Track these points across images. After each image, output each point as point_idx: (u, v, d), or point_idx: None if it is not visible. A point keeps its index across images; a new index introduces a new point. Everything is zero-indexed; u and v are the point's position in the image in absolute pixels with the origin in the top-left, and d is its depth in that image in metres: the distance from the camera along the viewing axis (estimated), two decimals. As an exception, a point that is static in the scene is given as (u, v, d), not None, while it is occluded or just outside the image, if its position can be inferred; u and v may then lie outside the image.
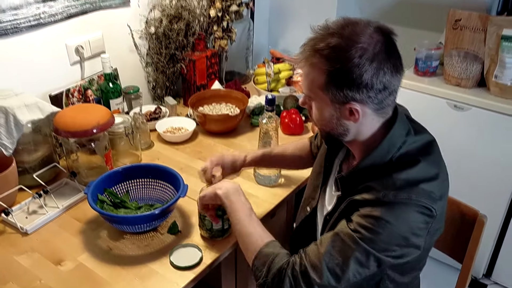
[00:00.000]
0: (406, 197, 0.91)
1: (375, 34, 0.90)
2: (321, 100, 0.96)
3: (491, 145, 1.86)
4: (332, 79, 0.91)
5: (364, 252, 0.93)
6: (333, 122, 0.98)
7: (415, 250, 0.97)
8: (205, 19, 1.94)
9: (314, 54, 0.92)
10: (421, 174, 0.94)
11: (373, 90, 0.90)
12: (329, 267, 0.95)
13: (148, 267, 1.18)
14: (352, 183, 1.01)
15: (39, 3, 1.48)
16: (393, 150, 0.97)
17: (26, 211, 1.36)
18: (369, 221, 0.93)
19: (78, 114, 1.42)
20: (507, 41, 1.73)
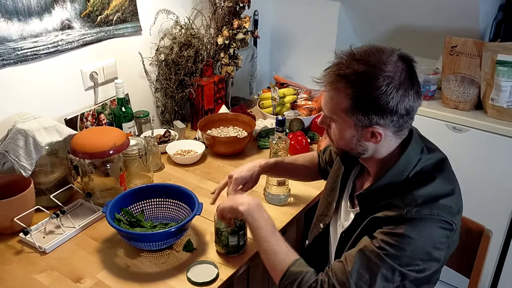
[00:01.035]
0: (428, 212, 0.96)
1: (399, 63, 0.95)
2: (344, 122, 1.00)
3: (489, 165, 1.92)
4: (358, 104, 0.95)
5: (390, 268, 0.96)
6: (353, 142, 1.02)
7: (436, 264, 1.01)
8: (212, 47, 2.02)
9: (340, 79, 0.96)
10: (439, 190, 0.98)
11: (396, 115, 0.95)
12: (357, 284, 0.98)
13: (166, 283, 1.20)
14: (371, 200, 1.05)
15: (58, 31, 1.55)
16: (409, 168, 1.02)
17: (43, 231, 1.39)
18: (393, 238, 0.96)
19: (95, 136, 1.47)
20: (502, 66, 1.82)
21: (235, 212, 1.19)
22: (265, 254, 1.12)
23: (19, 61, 1.47)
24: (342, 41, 2.40)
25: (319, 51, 2.38)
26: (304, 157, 1.47)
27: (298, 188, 1.60)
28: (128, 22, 1.78)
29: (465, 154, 1.95)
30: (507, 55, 1.80)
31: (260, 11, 2.34)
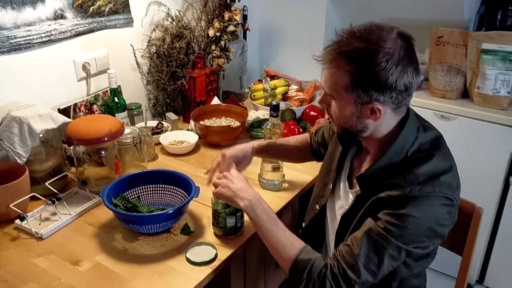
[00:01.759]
0: (431, 190, 0.98)
1: (398, 40, 0.97)
2: (344, 99, 1.02)
3: (477, 150, 1.97)
4: (358, 81, 0.97)
5: (397, 248, 0.99)
6: (353, 120, 1.04)
7: (440, 240, 1.04)
8: (203, 39, 2.04)
9: (340, 56, 0.98)
10: (438, 167, 1.01)
11: (395, 91, 0.97)
12: (366, 266, 1.00)
13: (165, 264, 1.21)
14: (372, 181, 1.06)
15: (51, 20, 1.55)
16: (407, 146, 1.04)
17: (39, 218, 1.39)
18: (397, 219, 0.98)
19: (89, 123, 1.47)
20: (487, 54, 1.88)
21: (234, 204, 1.20)
22: (272, 247, 1.14)
23: (12, 49, 1.47)
24: (330, 36, 2.44)
25: (308, 45, 2.41)
26: (296, 138, 1.50)
27: (292, 174, 1.62)
28: (120, 13, 1.79)
29: (453, 141, 1.95)
30: (492, 44, 1.86)
31: (249, 6, 2.36)
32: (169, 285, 1.14)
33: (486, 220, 2.06)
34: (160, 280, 1.15)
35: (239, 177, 1.23)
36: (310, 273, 1.05)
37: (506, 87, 1.89)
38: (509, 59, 1.84)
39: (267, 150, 1.44)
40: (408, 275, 1.13)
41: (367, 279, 1.01)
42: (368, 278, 1.01)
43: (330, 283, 1.02)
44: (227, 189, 1.20)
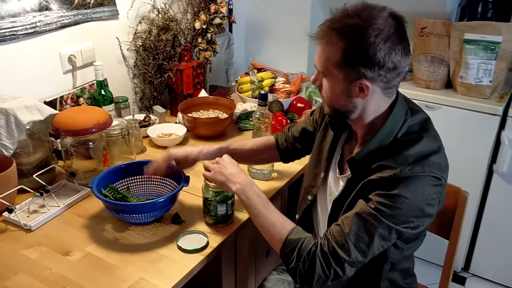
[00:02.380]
0: (421, 170, 0.99)
1: (389, 18, 0.99)
2: (334, 77, 1.03)
3: (461, 138, 2.01)
4: (347, 57, 0.98)
5: (387, 227, 1.00)
6: (343, 98, 1.05)
7: (429, 219, 1.06)
8: (190, 32, 2.04)
9: (331, 32, 0.99)
10: (427, 148, 1.03)
11: (384, 68, 0.97)
12: (356, 245, 1.02)
13: (157, 252, 1.21)
14: (362, 164, 1.08)
15: (36, 12, 1.53)
16: (396, 129, 1.05)
17: (27, 211, 1.37)
18: (388, 199, 1.00)
19: (77, 114, 1.46)
20: (469, 44, 1.92)
21: (227, 189, 1.22)
22: (263, 227, 1.15)
23: (-3, 40, 1.45)
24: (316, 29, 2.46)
25: (293, 39, 2.43)
26: (254, 141, 1.47)
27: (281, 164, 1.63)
28: (105, 5, 1.78)
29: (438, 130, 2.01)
30: (474, 34, 1.90)
31: (234, 0, 2.37)
32: (161, 273, 1.14)
33: (470, 208, 2.10)
34: (152, 267, 1.15)
35: (232, 162, 1.24)
36: (300, 251, 1.06)
37: (488, 76, 1.93)
38: (491, 48, 1.89)
39: (218, 155, 1.36)
40: (399, 258, 1.16)
41: (357, 258, 1.02)
42: (358, 257, 1.02)
43: (320, 261, 1.04)
44: (220, 174, 1.21)
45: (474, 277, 2.29)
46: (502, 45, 1.87)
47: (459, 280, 2.28)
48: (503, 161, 1.97)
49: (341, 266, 1.03)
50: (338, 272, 1.03)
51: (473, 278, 2.28)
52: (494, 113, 1.92)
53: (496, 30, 1.87)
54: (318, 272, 1.04)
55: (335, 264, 1.03)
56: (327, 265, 1.03)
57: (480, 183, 2.06)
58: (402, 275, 1.22)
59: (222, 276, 1.43)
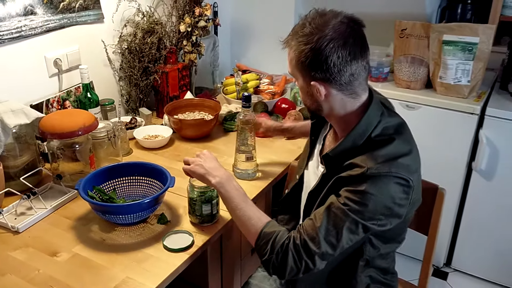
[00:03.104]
0: (387, 170, 1.04)
1: (342, 25, 1.05)
2: (298, 78, 1.13)
3: (441, 137, 2.07)
4: (301, 61, 1.06)
5: (354, 222, 1.05)
6: (308, 98, 1.13)
7: (397, 220, 1.10)
8: (175, 35, 2.07)
9: (292, 38, 1.09)
10: (397, 150, 1.07)
11: (334, 72, 1.04)
12: (326, 238, 1.06)
13: (143, 252, 1.24)
14: (336, 161, 1.13)
15: (21, 16, 1.55)
16: (370, 129, 1.10)
17: (14, 213, 1.39)
18: (356, 195, 1.04)
19: (63, 117, 1.48)
20: (448, 45, 1.97)
21: (206, 182, 1.25)
22: (240, 220, 1.19)
23: (-18, 45, 1.46)
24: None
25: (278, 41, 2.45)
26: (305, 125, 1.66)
27: (266, 164, 1.67)
28: (90, 9, 1.80)
29: (418, 129, 2.03)
30: (452, 35, 1.95)
31: (219, 3, 2.40)
32: (147, 271, 1.17)
33: (451, 204, 2.16)
34: (138, 266, 1.18)
35: (211, 157, 1.29)
36: (273, 244, 1.10)
37: (466, 76, 1.98)
38: (468, 49, 1.94)
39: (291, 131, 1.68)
40: (375, 256, 1.20)
41: (327, 250, 1.07)
42: (327, 250, 1.07)
43: (292, 253, 1.08)
44: (200, 167, 1.25)
45: (456, 272, 2.34)
46: (479, 46, 1.93)
47: (441, 275, 2.33)
48: (481, 158, 2.02)
49: (311, 258, 1.07)
50: (309, 264, 1.08)
51: (455, 273, 2.34)
52: (472, 112, 1.97)
53: (474, 31, 1.92)
54: (290, 264, 1.08)
55: (306, 256, 1.07)
56: (298, 257, 1.08)
57: (460, 180, 2.11)
58: (381, 272, 1.27)
59: (208, 275, 1.46)
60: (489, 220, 2.14)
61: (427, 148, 2.06)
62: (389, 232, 1.15)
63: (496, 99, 2.06)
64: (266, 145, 1.83)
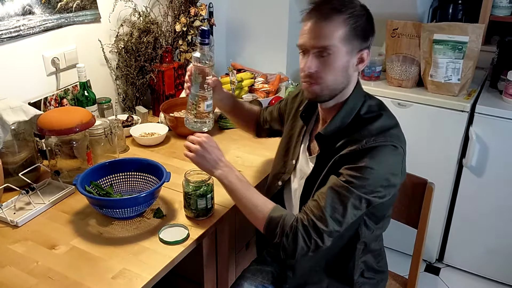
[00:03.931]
0: (383, 140, 1.12)
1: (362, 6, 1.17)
2: (338, 51, 1.11)
3: (432, 134, 2.11)
4: (353, 30, 1.11)
5: (358, 197, 1.11)
6: (341, 74, 1.14)
7: (393, 189, 1.18)
8: (170, 35, 2.10)
9: (331, 11, 1.11)
10: (387, 123, 1.16)
11: (371, 40, 1.17)
12: (332, 216, 1.12)
13: (139, 245, 1.27)
14: (330, 140, 1.19)
15: (19, 16, 1.58)
16: (357, 107, 1.19)
17: (13, 208, 1.42)
18: (357, 171, 1.11)
19: (61, 114, 1.51)
20: (438, 44, 2.01)
21: (209, 173, 1.29)
22: (246, 209, 1.24)
23: (-19, 44, 1.49)
24: (293, 31, 2.54)
25: (272, 41, 2.50)
26: (250, 105, 1.65)
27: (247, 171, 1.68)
28: (88, 9, 1.83)
29: (410, 127, 2.07)
30: (442, 34, 1.99)
31: (215, 3, 2.43)
32: (144, 263, 1.20)
33: (442, 200, 2.20)
34: (135, 258, 1.21)
35: (214, 146, 1.29)
36: (282, 227, 1.15)
37: (456, 74, 2.02)
38: (458, 48, 1.98)
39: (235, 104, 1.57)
40: (371, 238, 1.27)
41: (334, 228, 1.13)
42: (334, 227, 1.13)
43: (301, 234, 1.13)
44: (202, 158, 1.27)
45: (448, 267, 2.38)
46: (468, 45, 1.97)
47: (433, 270, 2.37)
48: (472, 155, 2.06)
49: (320, 236, 1.13)
50: (318, 242, 1.14)
51: (447, 269, 2.38)
52: (462, 109, 2.02)
53: (463, 31, 1.96)
54: (300, 245, 1.14)
55: (315, 235, 1.13)
56: (308, 237, 1.13)
57: (451, 176, 2.15)
58: (375, 258, 1.33)
59: (203, 268, 1.49)
60: (480, 215, 2.18)
61: (419, 145, 2.12)
62: (381, 210, 1.23)
63: (486, 97, 2.11)
64: (260, 141, 1.86)
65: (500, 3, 2.22)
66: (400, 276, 1.62)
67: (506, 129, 1.98)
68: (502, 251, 2.18)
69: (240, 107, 1.60)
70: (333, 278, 1.33)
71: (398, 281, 1.59)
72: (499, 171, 2.06)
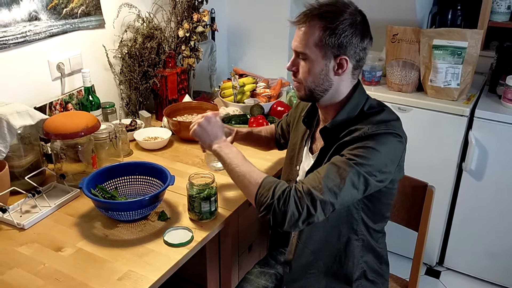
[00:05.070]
0: (385, 127, 1.16)
1: (357, 11, 1.19)
2: (315, 56, 1.16)
3: (432, 139, 2.13)
4: (329, 35, 1.14)
5: (357, 173, 1.12)
6: (321, 77, 1.19)
7: (389, 175, 1.19)
8: (173, 40, 2.13)
9: (312, 17, 1.15)
10: (388, 116, 1.21)
11: (358, 47, 1.17)
12: (329, 186, 1.12)
13: (144, 247, 1.29)
14: (334, 133, 1.22)
15: (26, 22, 1.61)
16: (361, 104, 1.23)
17: (19, 211, 1.44)
18: (361, 150, 1.14)
19: (67, 119, 1.53)
20: (438, 50, 2.04)
21: (206, 145, 1.34)
22: (240, 176, 1.23)
23: (-12, 50, 1.52)
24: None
25: (273, 46, 2.54)
26: (266, 129, 1.67)
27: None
28: (92, 15, 1.86)
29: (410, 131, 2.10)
30: (442, 40, 2.02)
31: (217, 9, 2.46)
32: (149, 265, 1.22)
33: (442, 204, 2.22)
34: (140, 260, 1.23)
35: (218, 124, 1.36)
36: (275, 190, 1.14)
37: (455, 79, 2.05)
38: (457, 53, 2.01)
39: (246, 138, 1.61)
40: (368, 237, 1.29)
41: (329, 198, 1.11)
42: (330, 198, 1.11)
43: (294, 198, 1.12)
44: (203, 131, 1.34)
45: (448, 271, 2.40)
46: (467, 50, 2.00)
47: (434, 274, 2.39)
48: (471, 159, 2.09)
49: (314, 203, 1.11)
50: (310, 209, 1.11)
51: (447, 272, 2.39)
52: (461, 114, 2.04)
53: (462, 36, 1.99)
54: (291, 209, 1.11)
55: (309, 201, 1.11)
56: (300, 202, 1.12)
57: (451, 180, 2.17)
58: (377, 260, 1.35)
59: (207, 271, 1.52)
60: (479, 219, 2.20)
61: (419, 149, 2.14)
62: (377, 206, 1.26)
63: (485, 101, 2.13)
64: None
65: (499, 9, 2.25)
66: (401, 279, 1.64)
67: (505, 133, 2.01)
68: (502, 254, 2.20)
69: (258, 137, 1.65)
70: (331, 277, 1.33)
71: (399, 284, 1.61)
72: (498, 174, 2.08)
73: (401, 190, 1.52)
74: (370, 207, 1.25)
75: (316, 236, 1.30)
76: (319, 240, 1.30)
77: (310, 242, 1.31)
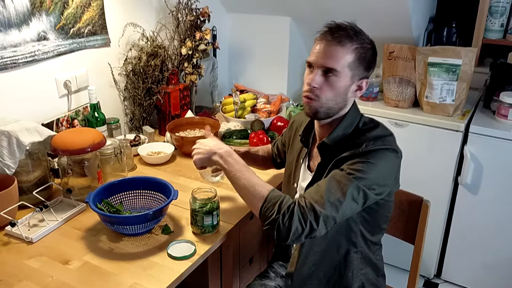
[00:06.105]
0: (381, 143, 1.22)
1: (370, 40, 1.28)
2: (343, 75, 1.22)
3: (428, 154, 2.18)
4: (360, 59, 1.22)
5: (356, 188, 1.17)
6: (341, 96, 1.25)
7: (387, 189, 1.25)
8: (176, 57, 2.19)
9: (347, 39, 1.21)
10: (383, 132, 1.27)
11: (371, 72, 1.28)
12: (330, 200, 1.16)
13: (149, 260, 1.33)
14: (331, 150, 1.27)
15: (34, 41, 1.67)
16: (356, 120, 1.29)
17: (27, 225, 1.48)
18: (360, 165, 1.19)
19: (74, 135, 1.58)
20: (433, 67, 2.10)
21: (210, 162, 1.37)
22: (245, 188, 1.26)
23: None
24: (294, 54, 2.64)
25: (274, 62, 2.60)
26: (263, 149, 1.73)
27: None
28: (98, 34, 1.92)
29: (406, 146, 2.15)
30: (437, 57, 2.08)
31: (218, 27, 2.53)
32: (153, 278, 1.26)
33: (439, 217, 2.26)
34: (145, 273, 1.27)
35: (211, 139, 1.42)
36: (280, 205, 1.18)
37: (450, 95, 2.11)
38: (452, 70, 2.07)
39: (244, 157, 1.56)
40: (366, 248, 1.33)
41: (331, 213, 1.16)
42: (332, 212, 1.16)
43: (298, 214, 1.16)
44: (202, 149, 1.38)
45: (446, 283, 2.43)
46: (462, 68, 2.06)
47: (432, 286, 2.42)
48: (467, 173, 2.14)
49: (316, 219, 1.15)
50: (313, 225, 1.15)
51: (445, 284, 2.43)
52: (457, 129, 2.09)
53: (456, 54, 2.05)
54: (295, 225, 1.15)
55: (312, 217, 1.16)
56: (304, 218, 1.16)
57: (447, 194, 2.22)
58: (374, 272, 1.39)
59: (209, 283, 1.55)
60: (476, 232, 2.24)
61: (416, 163, 2.19)
62: (375, 218, 1.30)
63: (480, 117, 2.19)
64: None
65: (492, 27, 2.32)
66: (398, 290, 1.68)
67: (499, 148, 2.06)
68: (499, 267, 2.23)
69: (255, 157, 1.70)
70: None
71: (396, 296, 1.65)
72: (494, 187, 2.12)
73: (398, 205, 1.57)
74: (368, 219, 1.29)
75: (316, 248, 1.35)
76: (320, 252, 1.35)
77: (311, 254, 1.36)
